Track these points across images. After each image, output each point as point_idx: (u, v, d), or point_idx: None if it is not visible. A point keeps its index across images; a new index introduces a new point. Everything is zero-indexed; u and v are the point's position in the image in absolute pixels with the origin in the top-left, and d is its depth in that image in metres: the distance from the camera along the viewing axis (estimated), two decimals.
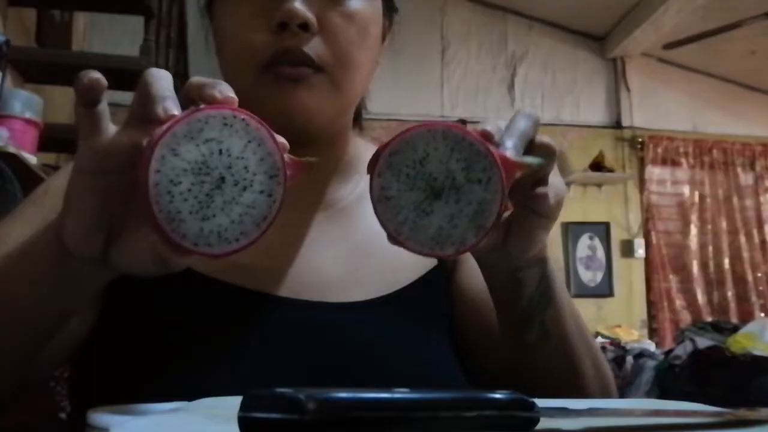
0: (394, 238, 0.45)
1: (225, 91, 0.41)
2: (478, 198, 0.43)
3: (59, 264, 0.45)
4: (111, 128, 0.41)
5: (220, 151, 0.40)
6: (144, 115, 0.40)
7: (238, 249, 0.41)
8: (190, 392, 0.45)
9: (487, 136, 0.44)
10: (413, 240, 0.44)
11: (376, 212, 0.45)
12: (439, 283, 0.67)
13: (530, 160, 0.46)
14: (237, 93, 0.61)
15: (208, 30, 0.67)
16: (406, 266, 0.65)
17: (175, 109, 0.39)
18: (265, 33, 0.58)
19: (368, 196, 0.68)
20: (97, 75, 0.40)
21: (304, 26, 0.57)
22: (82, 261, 0.43)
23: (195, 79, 0.42)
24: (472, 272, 0.68)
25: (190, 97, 0.41)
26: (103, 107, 0.41)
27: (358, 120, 0.71)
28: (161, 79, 0.41)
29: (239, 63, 0.60)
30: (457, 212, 0.43)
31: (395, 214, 0.44)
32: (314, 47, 0.58)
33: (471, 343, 0.67)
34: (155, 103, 0.39)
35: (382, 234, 0.67)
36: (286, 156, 0.42)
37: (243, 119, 0.40)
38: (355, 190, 0.68)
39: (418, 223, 0.44)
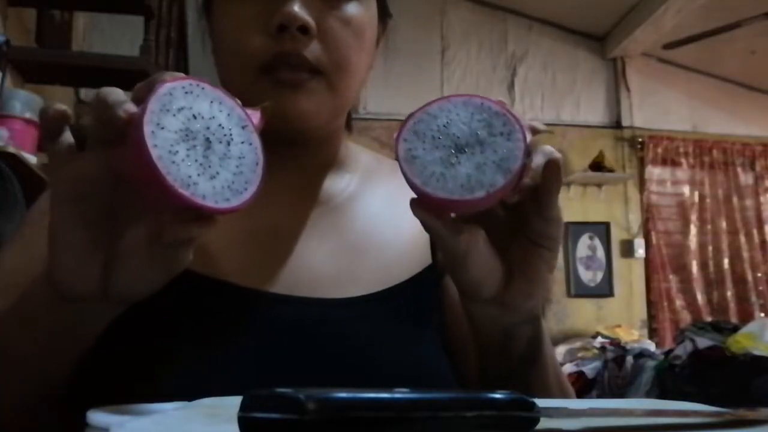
0: (422, 194, 0.45)
1: (165, 75, 0.43)
2: (502, 147, 0.45)
3: (55, 315, 0.46)
4: (78, 156, 0.43)
5: (194, 116, 0.42)
6: (105, 132, 0.41)
7: (251, 197, 0.44)
8: (184, 391, 0.45)
9: (502, 103, 0.46)
10: (442, 190, 0.45)
11: (402, 171, 0.45)
12: (431, 281, 0.67)
13: (539, 125, 0.48)
14: (234, 93, 0.62)
15: (205, 30, 0.68)
16: (400, 264, 0.65)
17: (134, 108, 0.41)
18: (263, 35, 0.58)
19: (360, 195, 0.69)
20: (62, 108, 0.42)
21: (303, 29, 0.57)
22: (80, 300, 0.44)
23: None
24: None
25: (138, 96, 0.42)
26: (67, 137, 0.42)
27: (348, 122, 0.72)
28: (112, 92, 0.42)
29: (237, 64, 0.60)
30: (483, 160, 0.45)
31: (422, 170, 0.45)
32: (312, 51, 0.58)
33: (447, 348, 0.67)
34: (115, 109, 0.40)
35: (376, 232, 0.68)
36: (248, 110, 0.46)
37: (198, 84, 0.43)
38: (347, 189, 0.69)
39: (446, 174, 0.45)
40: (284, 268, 0.61)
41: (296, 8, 0.57)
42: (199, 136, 0.42)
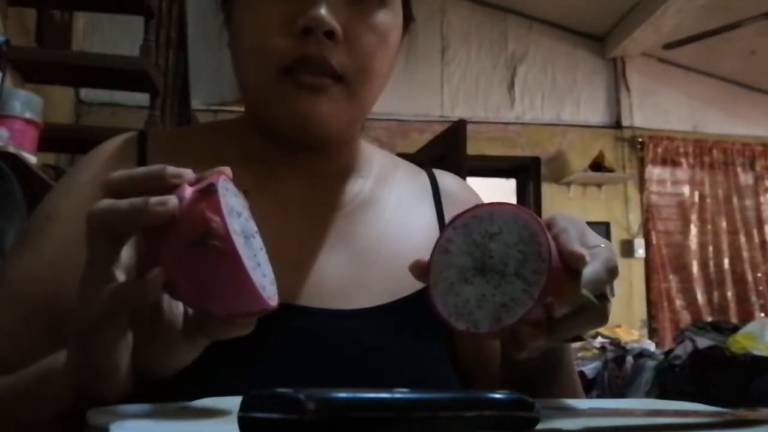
0: (428, 288, 0.46)
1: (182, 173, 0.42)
2: (514, 293, 0.42)
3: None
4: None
5: (238, 214, 0.42)
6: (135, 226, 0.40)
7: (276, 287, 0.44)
8: (182, 393, 0.45)
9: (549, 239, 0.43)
10: (440, 298, 0.45)
11: (431, 256, 0.46)
12: None
13: (587, 295, 0.43)
14: (253, 92, 0.61)
15: (222, 25, 0.65)
16: (409, 275, 0.65)
17: (176, 201, 0.40)
18: (287, 37, 0.56)
19: (373, 201, 0.69)
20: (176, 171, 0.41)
21: (329, 34, 0.56)
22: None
23: None
24: None
25: (151, 188, 0.41)
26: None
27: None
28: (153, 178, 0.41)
29: (258, 64, 0.58)
30: (489, 295, 0.43)
31: (441, 269, 0.45)
32: (337, 56, 0.57)
33: (462, 362, 0.67)
34: (157, 206, 0.39)
35: (387, 240, 0.67)
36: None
37: (225, 179, 0.42)
38: (360, 195, 0.68)
39: (454, 287, 0.45)
40: (292, 277, 0.60)
41: (323, 11, 0.55)
42: (247, 235, 0.41)
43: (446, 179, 0.75)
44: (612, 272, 0.45)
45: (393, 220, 0.67)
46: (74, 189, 0.62)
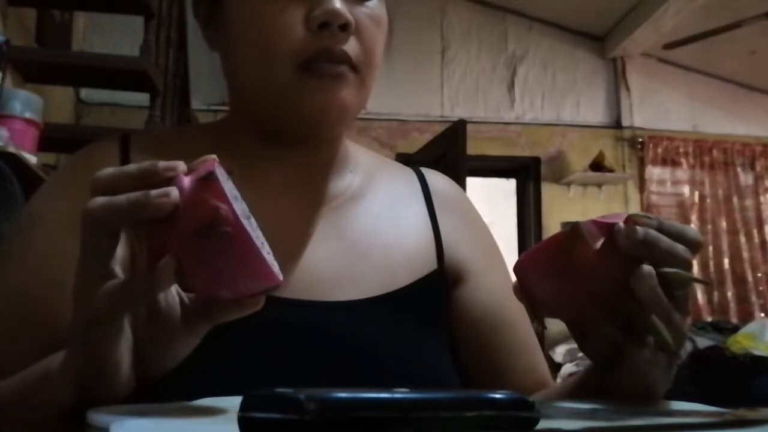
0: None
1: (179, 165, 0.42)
2: None
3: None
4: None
5: (236, 198, 0.42)
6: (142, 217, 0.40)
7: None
8: (179, 392, 0.45)
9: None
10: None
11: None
12: (438, 287, 0.66)
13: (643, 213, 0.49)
14: (262, 92, 0.61)
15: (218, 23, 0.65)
16: (404, 267, 0.65)
17: (177, 194, 0.40)
18: (302, 31, 0.58)
19: (362, 196, 0.69)
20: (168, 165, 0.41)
21: (344, 26, 0.58)
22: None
23: None
24: (479, 290, 0.69)
25: (154, 182, 0.41)
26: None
27: None
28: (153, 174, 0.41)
29: (273, 59, 0.58)
30: None
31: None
32: (350, 47, 0.59)
33: (462, 356, 0.67)
34: (159, 198, 0.39)
35: (378, 234, 0.68)
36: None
37: (219, 163, 0.42)
38: (349, 189, 0.68)
39: None
40: (284, 270, 0.61)
41: (338, 5, 0.57)
42: (246, 216, 0.42)
43: (434, 177, 0.76)
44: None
45: (384, 214, 0.68)
46: (56, 191, 0.63)
